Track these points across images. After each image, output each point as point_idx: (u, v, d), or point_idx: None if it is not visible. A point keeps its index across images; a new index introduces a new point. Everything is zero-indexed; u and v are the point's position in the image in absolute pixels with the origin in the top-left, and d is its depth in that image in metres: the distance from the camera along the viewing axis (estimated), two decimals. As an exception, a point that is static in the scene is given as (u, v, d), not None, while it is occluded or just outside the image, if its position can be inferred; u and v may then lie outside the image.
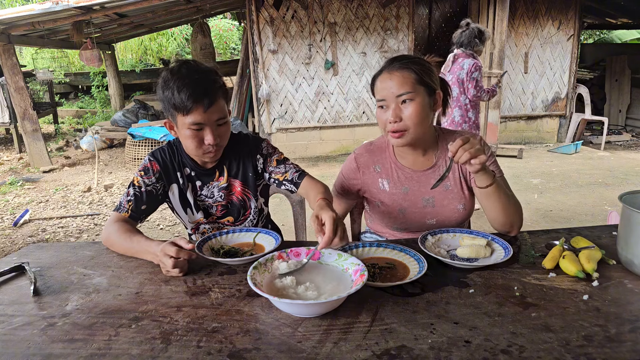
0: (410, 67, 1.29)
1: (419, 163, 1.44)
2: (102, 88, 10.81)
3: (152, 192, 1.44)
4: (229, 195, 1.53)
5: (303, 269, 1.09)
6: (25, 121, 5.82)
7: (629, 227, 1.06)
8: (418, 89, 1.28)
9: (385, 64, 1.35)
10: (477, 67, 3.41)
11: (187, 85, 1.25)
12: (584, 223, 3.54)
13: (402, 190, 1.44)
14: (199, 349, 0.85)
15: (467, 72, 3.42)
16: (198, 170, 1.49)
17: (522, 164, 5.50)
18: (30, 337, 0.91)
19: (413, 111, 1.28)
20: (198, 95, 1.25)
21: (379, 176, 1.46)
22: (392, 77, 1.29)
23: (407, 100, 1.28)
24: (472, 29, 3.44)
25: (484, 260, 1.16)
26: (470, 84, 3.44)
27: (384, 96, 1.30)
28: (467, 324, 0.89)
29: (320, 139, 6.39)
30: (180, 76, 1.27)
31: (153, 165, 1.45)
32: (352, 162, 1.50)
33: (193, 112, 1.27)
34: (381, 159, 1.47)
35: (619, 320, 0.89)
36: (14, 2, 11.75)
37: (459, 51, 3.50)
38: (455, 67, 3.52)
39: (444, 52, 3.48)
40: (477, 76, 3.41)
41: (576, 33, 6.69)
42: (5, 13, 5.00)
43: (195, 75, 1.27)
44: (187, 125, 1.29)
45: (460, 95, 3.52)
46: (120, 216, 1.39)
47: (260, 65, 5.98)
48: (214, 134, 1.32)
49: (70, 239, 3.65)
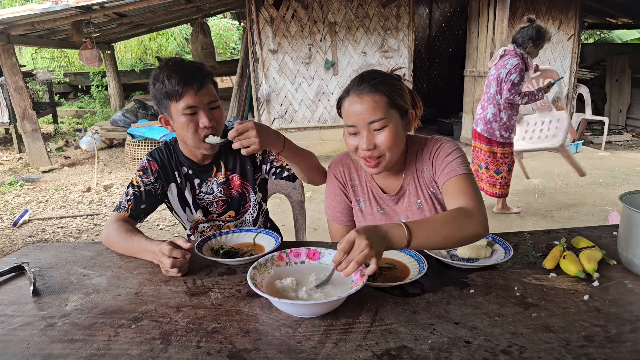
0: (380, 89, 1.17)
1: (390, 186, 1.37)
2: (101, 88, 10.81)
3: (151, 192, 1.45)
4: (228, 190, 1.54)
5: (303, 269, 1.09)
6: (25, 121, 5.82)
7: (629, 227, 1.06)
8: (391, 113, 1.18)
9: (352, 84, 1.22)
10: (518, 69, 3.26)
11: (175, 71, 1.31)
12: (584, 223, 3.54)
13: (378, 210, 1.39)
14: (198, 349, 0.84)
15: (507, 72, 3.30)
16: (195, 168, 1.50)
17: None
18: (29, 338, 0.91)
19: (387, 137, 1.17)
20: (187, 79, 1.30)
21: (355, 194, 1.41)
22: (362, 101, 1.17)
23: (379, 127, 1.17)
24: (532, 28, 3.28)
25: (484, 260, 1.16)
26: (505, 85, 3.31)
27: (355, 122, 1.18)
28: (468, 324, 0.89)
29: (320, 139, 6.39)
30: (168, 67, 1.33)
31: (151, 165, 1.47)
32: (333, 180, 1.42)
33: (185, 96, 1.31)
34: (357, 176, 1.41)
35: (620, 321, 0.88)
36: (14, 2, 11.74)
37: (510, 47, 3.38)
38: (500, 63, 3.40)
39: (444, 52, 3.47)
40: (515, 78, 3.26)
41: (576, 33, 6.69)
42: (4, 13, 5.00)
43: (183, 64, 1.35)
44: (181, 111, 1.32)
45: (497, 94, 3.42)
46: (120, 216, 1.40)
47: (260, 65, 5.98)
48: (208, 116, 1.34)
49: (69, 239, 3.65)
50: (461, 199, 1.16)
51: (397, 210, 1.37)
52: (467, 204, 1.13)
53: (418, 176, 1.33)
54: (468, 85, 6.50)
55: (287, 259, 1.12)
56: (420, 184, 1.33)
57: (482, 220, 1.10)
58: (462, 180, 1.20)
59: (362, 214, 1.41)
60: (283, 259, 1.11)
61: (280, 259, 1.11)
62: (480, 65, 6.11)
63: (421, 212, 1.34)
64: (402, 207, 1.36)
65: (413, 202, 1.34)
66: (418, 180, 1.33)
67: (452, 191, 1.19)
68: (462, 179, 1.20)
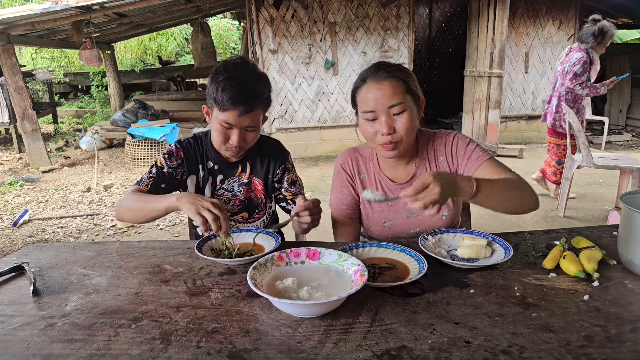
0: (397, 75, 1.23)
1: (401, 175, 1.41)
2: (101, 88, 10.81)
3: (172, 174, 1.49)
4: (248, 192, 1.56)
5: (303, 269, 1.09)
6: (25, 121, 5.82)
7: (629, 227, 1.06)
8: (407, 98, 1.23)
9: (368, 73, 1.27)
10: (581, 60, 3.52)
11: (232, 88, 1.30)
12: (584, 223, 3.54)
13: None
14: (198, 349, 0.84)
15: (571, 63, 3.57)
16: (221, 163, 1.53)
17: (523, 164, 5.50)
18: (29, 338, 0.90)
19: (405, 121, 1.23)
20: (238, 101, 1.31)
21: (362, 185, 1.44)
22: (381, 86, 1.22)
23: (399, 111, 1.22)
24: (595, 26, 3.54)
25: (484, 260, 1.15)
26: (568, 75, 3.58)
27: (374, 107, 1.23)
28: (468, 324, 0.89)
29: (321, 139, 6.38)
30: (230, 76, 1.32)
31: (178, 152, 1.51)
32: (341, 173, 1.46)
33: (228, 112, 1.33)
34: (365, 169, 1.45)
35: (620, 321, 0.88)
36: (14, 2, 11.74)
37: (575, 45, 3.69)
38: (566, 59, 3.69)
39: (444, 52, 3.49)
40: (578, 69, 3.51)
41: (576, 33, 6.68)
42: (4, 13, 4.99)
43: (245, 81, 1.33)
44: (219, 121, 1.36)
45: (561, 87, 3.69)
46: (140, 188, 1.44)
47: (260, 65, 5.97)
48: (240, 136, 1.37)
49: (69, 239, 3.65)
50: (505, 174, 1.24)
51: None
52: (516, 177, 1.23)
53: (431, 166, 1.38)
54: (468, 85, 6.49)
55: (287, 259, 1.12)
56: None
57: (536, 195, 1.21)
58: (494, 163, 1.29)
59: (370, 204, 1.43)
60: (283, 259, 1.11)
61: (280, 259, 1.11)
62: (480, 65, 6.10)
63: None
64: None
65: None
66: (430, 169, 1.38)
67: (491, 173, 1.26)
68: (492, 162, 1.29)
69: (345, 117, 6.32)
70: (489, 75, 5.82)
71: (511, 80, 6.69)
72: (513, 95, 6.76)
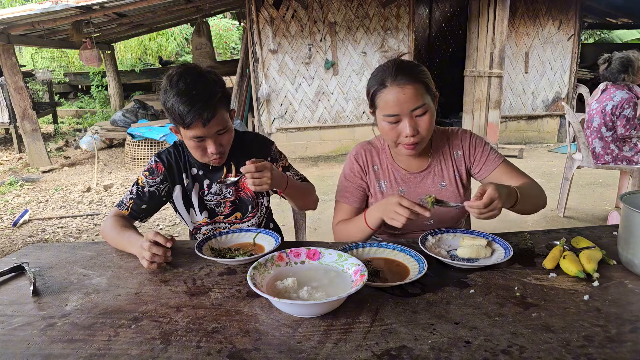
0: (418, 77, 1.26)
1: (414, 165, 1.45)
2: (101, 88, 10.81)
3: (155, 193, 1.46)
4: (237, 191, 1.55)
5: (303, 269, 1.09)
6: (25, 121, 5.82)
7: (629, 227, 1.06)
8: (427, 98, 1.27)
9: (386, 75, 1.27)
10: (630, 102, 3.09)
11: (185, 102, 1.25)
12: (584, 223, 3.54)
13: (399, 191, 1.45)
14: (198, 349, 0.84)
15: (617, 105, 3.15)
16: (205, 168, 1.51)
17: (523, 164, 5.49)
18: (29, 338, 0.90)
19: (427, 121, 1.28)
20: (196, 111, 1.25)
21: (376, 177, 1.47)
22: (404, 91, 1.24)
23: (421, 113, 1.26)
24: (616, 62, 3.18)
25: (484, 260, 1.15)
26: (619, 121, 3.16)
27: (398, 111, 1.26)
28: (468, 324, 0.89)
29: (320, 139, 6.38)
30: (178, 91, 1.26)
31: (158, 166, 1.48)
32: (353, 163, 1.49)
33: (192, 127, 1.29)
34: (379, 160, 1.48)
35: (620, 321, 0.88)
36: (14, 2, 11.74)
37: (609, 83, 3.27)
38: (604, 97, 3.27)
39: (444, 52, 3.47)
40: (629, 113, 3.10)
41: (576, 33, 6.68)
42: (4, 13, 4.99)
43: (194, 90, 1.26)
44: (189, 138, 1.33)
45: (602, 127, 3.27)
46: (120, 212, 1.44)
47: (260, 65, 5.97)
48: (216, 143, 1.35)
49: (69, 239, 3.65)
50: (521, 178, 1.38)
51: (419, 190, 1.44)
52: (531, 180, 1.37)
53: (446, 158, 1.45)
54: (468, 85, 6.49)
55: (287, 259, 1.12)
56: (447, 165, 1.44)
57: (546, 196, 1.37)
58: (508, 165, 1.41)
59: (383, 195, 1.46)
60: (283, 259, 1.11)
61: (280, 259, 1.11)
62: (480, 65, 6.10)
63: (444, 193, 1.43)
64: (426, 186, 1.44)
65: (437, 183, 1.44)
66: (445, 161, 1.45)
67: (507, 176, 1.39)
68: (507, 165, 1.41)
69: (345, 117, 6.32)
70: (489, 75, 5.82)
71: (511, 80, 6.69)
72: (513, 95, 6.76)
